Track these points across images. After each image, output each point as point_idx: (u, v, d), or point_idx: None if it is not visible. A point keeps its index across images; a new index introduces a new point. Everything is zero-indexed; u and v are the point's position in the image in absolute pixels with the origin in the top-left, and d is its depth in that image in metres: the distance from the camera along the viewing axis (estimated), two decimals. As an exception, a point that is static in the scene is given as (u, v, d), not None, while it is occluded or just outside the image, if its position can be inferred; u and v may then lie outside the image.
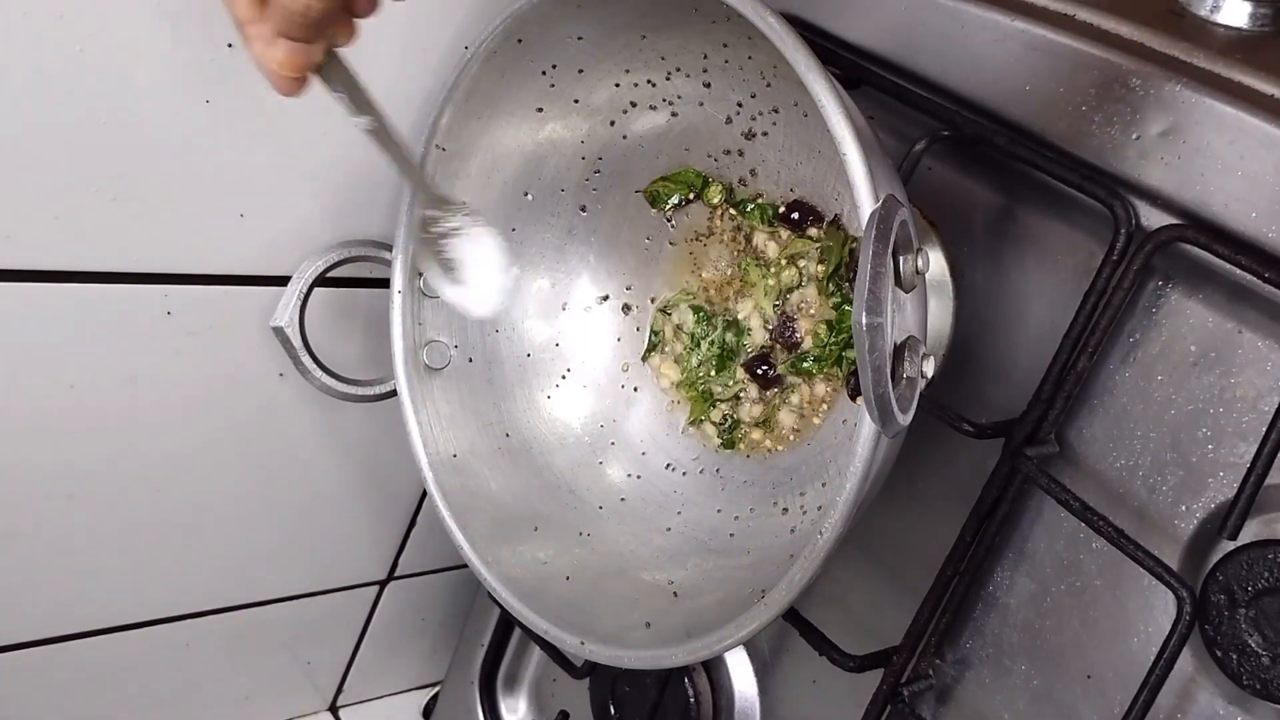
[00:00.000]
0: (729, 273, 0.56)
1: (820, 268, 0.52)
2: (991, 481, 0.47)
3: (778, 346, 0.54)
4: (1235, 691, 0.42)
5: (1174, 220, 0.42)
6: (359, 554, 0.75)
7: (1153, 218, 0.43)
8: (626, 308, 0.59)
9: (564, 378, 0.60)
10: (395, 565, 0.78)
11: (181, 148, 0.52)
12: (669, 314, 0.58)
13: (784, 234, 0.53)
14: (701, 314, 0.56)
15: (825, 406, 0.52)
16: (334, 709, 0.84)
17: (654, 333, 0.58)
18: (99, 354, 0.55)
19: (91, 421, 0.57)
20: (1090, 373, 0.45)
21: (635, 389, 0.59)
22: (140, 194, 0.52)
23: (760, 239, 0.54)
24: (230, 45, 0.50)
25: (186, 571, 0.67)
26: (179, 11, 0.48)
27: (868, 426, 0.39)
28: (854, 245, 0.50)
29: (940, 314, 0.50)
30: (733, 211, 0.55)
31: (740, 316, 0.55)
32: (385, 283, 0.57)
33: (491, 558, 0.54)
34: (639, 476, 0.57)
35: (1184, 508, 0.43)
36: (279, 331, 0.57)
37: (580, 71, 0.53)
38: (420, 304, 0.57)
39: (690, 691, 0.61)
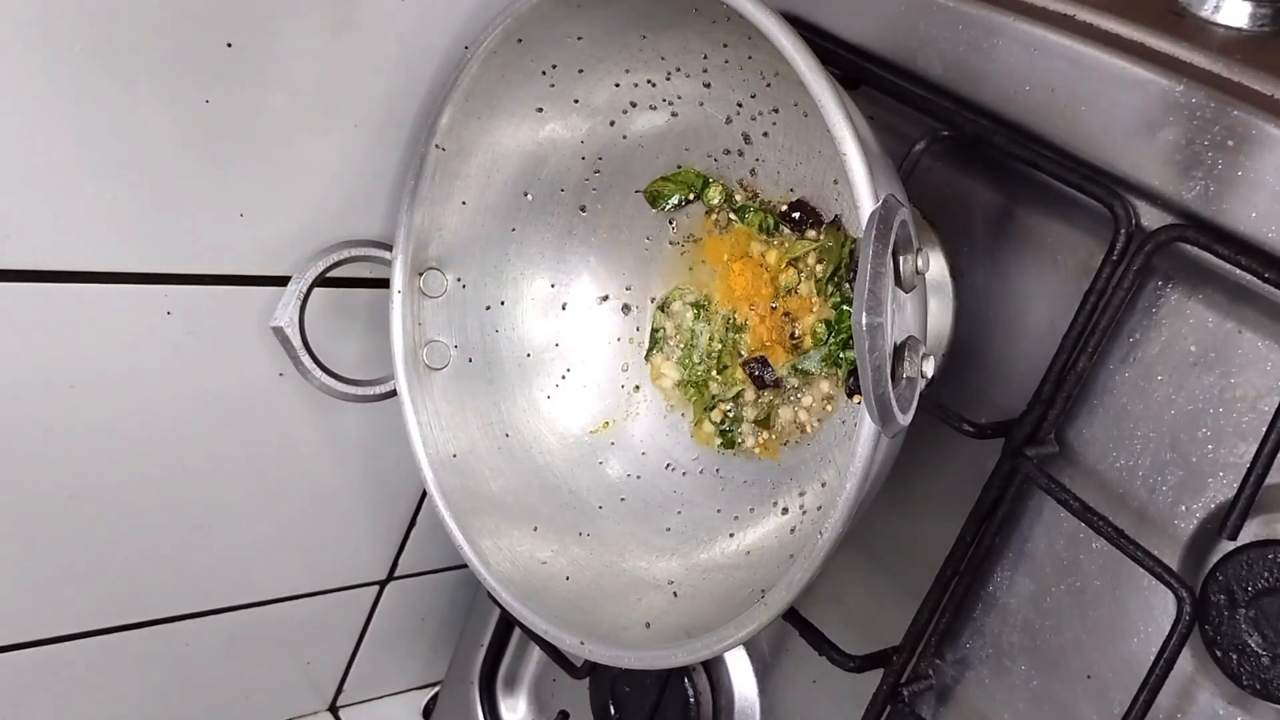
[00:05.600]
0: (728, 270, 0.56)
1: (820, 268, 0.52)
2: (991, 482, 0.47)
3: (777, 347, 0.54)
4: (1235, 691, 0.42)
5: (1174, 220, 0.42)
6: (359, 554, 0.75)
7: (1153, 218, 0.43)
8: (626, 308, 0.59)
9: (564, 378, 0.60)
10: (395, 565, 0.78)
11: (181, 148, 0.52)
12: (668, 311, 0.58)
13: (786, 231, 0.53)
14: (700, 310, 0.56)
15: (826, 407, 0.52)
16: (334, 709, 0.84)
17: (655, 330, 0.58)
18: (99, 354, 0.55)
19: (91, 421, 0.57)
20: (1090, 373, 0.45)
21: (635, 389, 0.59)
22: (140, 194, 0.52)
23: (756, 249, 0.54)
24: (230, 45, 0.50)
25: (186, 571, 0.67)
26: (179, 11, 0.48)
27: (868, 426, 0.39)
28: (854, 245, 0.50)
29: (940, 314, 0.50)
30: (732, 216, 0.55)
31: (740, 319, 0.55)
32: (385, 283, 0.57)
33: (491, 558, 0.54)
34: (639, 476, 0.57)
35: (1184, 508, 0.43)
36: (279, 331, 0.57)
37: (580, 71, 0.53)
38: (420, 304, 0.57)
39: (690, 691, 0.61)
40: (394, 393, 0.57)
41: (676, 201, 0.56)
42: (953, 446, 0.49)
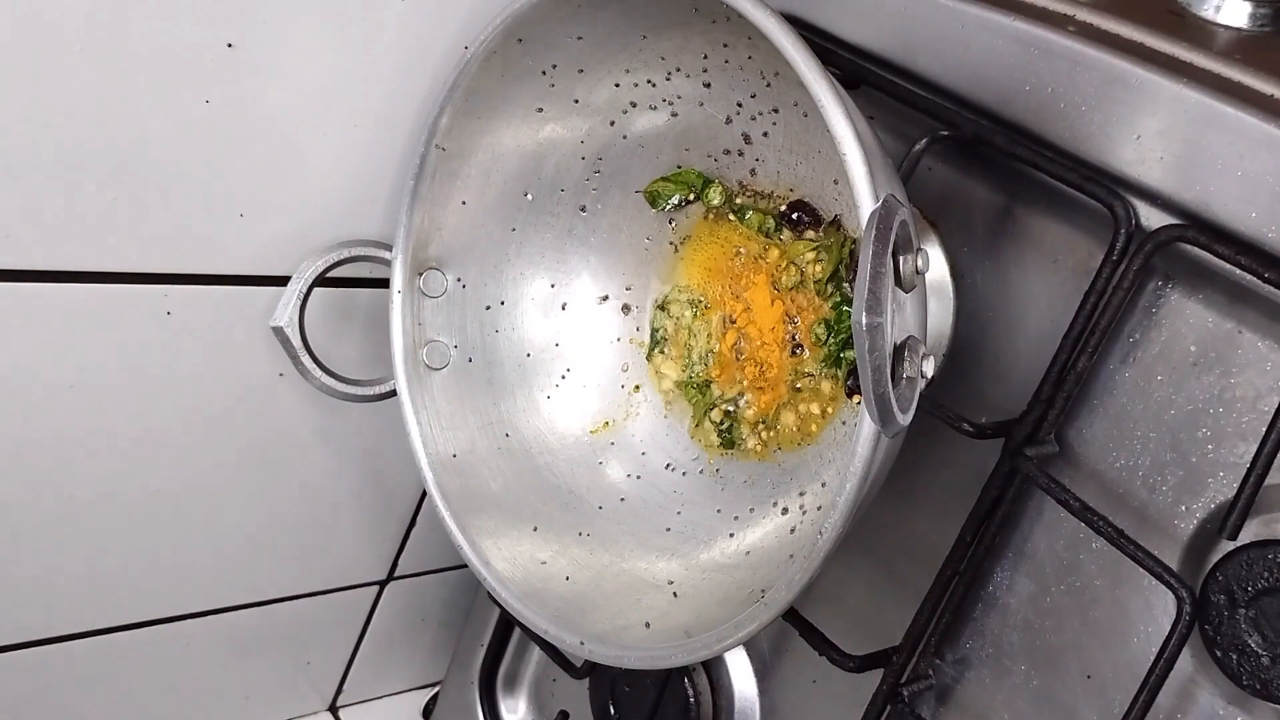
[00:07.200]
0: (727, 270, 0.56)
1: (819, 268, 0.52)
2: (991, 481, 0.47)
3: (776, 348, 0.54)
4: (1235, 691, 0.42)
5: (1174, 220, 0.42)
6: (359, 554, 0.75)
7: (1153, 218, 0.43)
8: (626, 308, 0.59)
9: (564, 378, 0.60)
10: (395, 565, 0.78)
11: (181, 148, 0.52)
12: (668, 311, 0.58)
13: (787, 234, 0.53)
14: (699, 309, 0.56)
15: (827, 409, 0.52)
16: (334, 709, 0.84)
17: (654, 330, 0.58)
18: (99, 354, 0.55)
19: (91, 421, 0.57)
20: (1090, 373, 0.45)
21: (635, 389, 0.59)
22: (140, 194, 0.52)
23: (755, 249, 0.54)
24: (230, 45, 0.50)
25: (186, 571, 0.67)
26: (179, 11, 0.48)
27: (868, 426, 0.39)
28: (854, 246, 0.50)
29: (940, 314, 0.50)
30: (731, 216, 0.55)
31: (737, 318, 0.55)
32: (385, 283, 0.57)
33: (491, 558, 0.54)
34: (639, 476, 0.57)
35: (1184, 508, 0.43)
36: (279, 331, 0.57)
37: (580, 71, 0.53)
38: (420, 304, 0.57)
39: (690, 691, 0.61)
40: (394, 393, 0.57)
41: (676, 201, 0.56)
42: (953, 446, 0.49)
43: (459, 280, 0.58)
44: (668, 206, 0.57)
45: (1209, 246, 0.41)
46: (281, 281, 0.57)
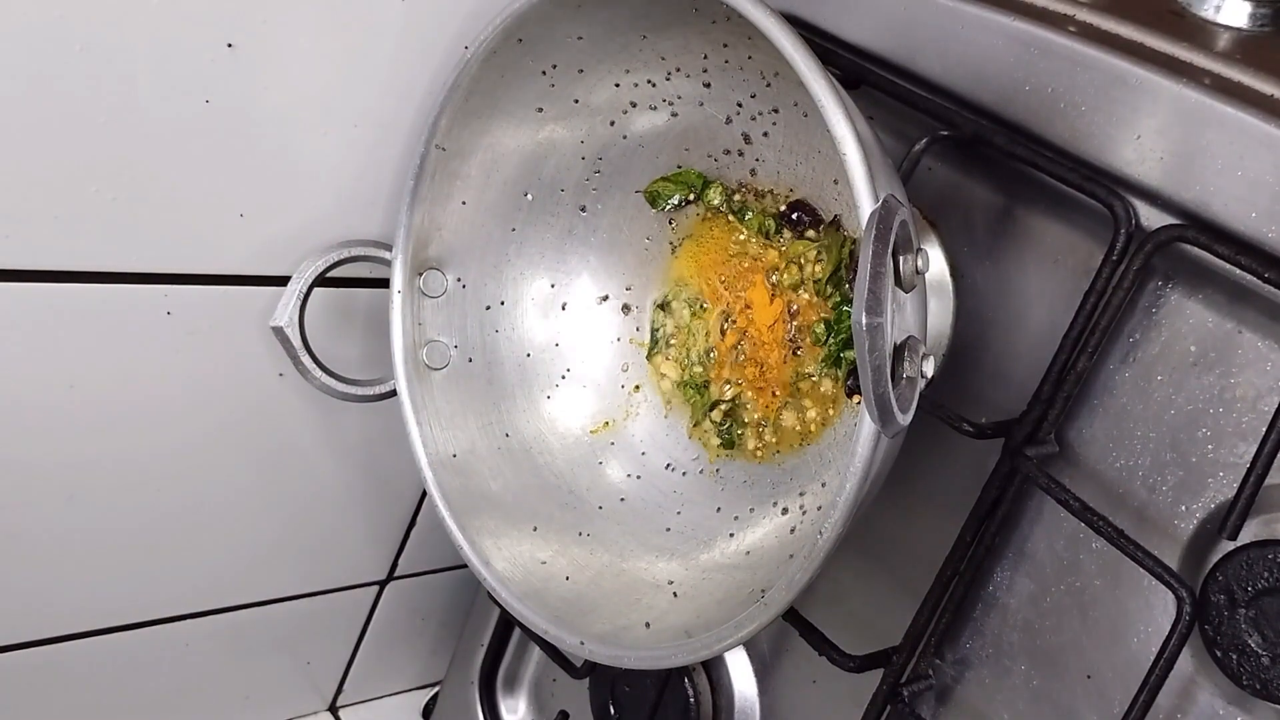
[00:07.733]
0: (727, 269, 0.56)
1: (819, 268, 0.52)
2: (991, 481, 0.47)
3: (776, 348, 0.54)
4: (1235, 691, 0.42)
5: (1174, 220, 0.42)
6: (359, 554, 0.75)
7: (1153, 218, 0.43)
8: (626, 308, 0.59)
9: (564, 378, 0.60)
10: (395, 565, 0.78)
11: (181, 148, 0.52)
12: (668, 310, 0.58)
13: (787, 234, 0.53)
14: (699, 309, 0.56)
15: (829, 411, 0.52)
16: (334, 709, 0.84)
17: (654, 330, 0.58)
18: (99, 354, 0.55)
19: (91, 421, 0.57)
20: (1090, 373, 0.45)
21: (635, 389, 0.59)
22: (140, 194, 0.52)
23: (755, 249, 0.54)
24: (230, 45, 0.50)
25: (186, 571, 0.67)
26: (179, 11, 0.48)
27: (868, 426, 0.39)
28: (853, 246, 0.50)
29: (940, 314, 0.50)
30: (731, 218, 0.55)
31: (734, 316, 0.55)
32: (385, 283, 0.57)
33: (491, 558, 0.54)
34: (639, 476, 0.57)
35: (1184, 508, 0.43)
36: (279, 331, 0.57)
37: (580, 71, 0.53)
38: (420, 304, 0.57)
39: (690, 691, 0.61)
40: (394, 393, 0.57)
41: (676, 201, 0.56)
42: (953, 446, 0.49)
43: (459, 280, 0.58)
44: (668, 206, 0.57)
45: (1209, 246, 0.41)
46: (281, 281, 0.57)
